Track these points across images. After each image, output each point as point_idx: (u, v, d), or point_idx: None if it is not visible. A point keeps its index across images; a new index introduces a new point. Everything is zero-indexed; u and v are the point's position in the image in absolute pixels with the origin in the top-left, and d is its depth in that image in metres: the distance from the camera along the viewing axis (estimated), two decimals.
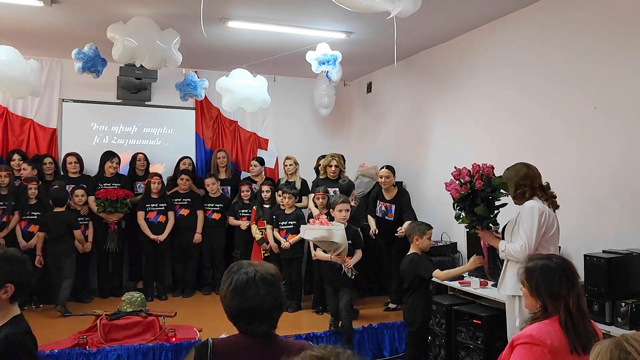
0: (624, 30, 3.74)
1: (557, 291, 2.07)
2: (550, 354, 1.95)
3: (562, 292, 2.06)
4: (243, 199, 6.16)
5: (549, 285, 2.09)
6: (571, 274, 2.12)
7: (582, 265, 3.46)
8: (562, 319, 2.02)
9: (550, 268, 2.13)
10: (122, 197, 5.81)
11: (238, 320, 1.77)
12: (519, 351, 2.02)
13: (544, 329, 2.01)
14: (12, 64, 4.91)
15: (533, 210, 3.12)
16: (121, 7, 4.65)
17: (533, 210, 3.12)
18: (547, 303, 2.09)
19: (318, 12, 4.74)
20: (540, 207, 3.15)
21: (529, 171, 3.28)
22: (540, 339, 1.98)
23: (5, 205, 5.37)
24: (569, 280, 2.09)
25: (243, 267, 1.82)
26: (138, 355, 4.03)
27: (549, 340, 1.97)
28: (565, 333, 1.99)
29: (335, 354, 1.29)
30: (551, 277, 2.10)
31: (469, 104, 5.34)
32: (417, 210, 6.05)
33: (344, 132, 7.85)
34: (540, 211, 3.12)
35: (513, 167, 3.36)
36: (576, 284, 2.11)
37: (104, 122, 6.71)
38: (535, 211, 3.11)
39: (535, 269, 2.16)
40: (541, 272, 2.13)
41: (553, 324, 2.04)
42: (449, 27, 5.24)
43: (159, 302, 5.80)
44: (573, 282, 2.09)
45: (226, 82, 5.87)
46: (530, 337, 2.01)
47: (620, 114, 3.76)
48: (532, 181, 3.25)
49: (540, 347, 1.97)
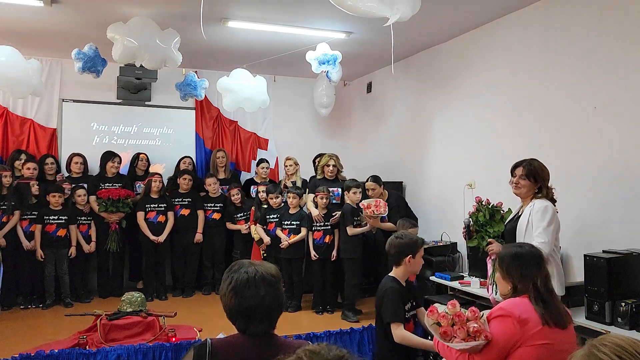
0: (624, 30, 3.74)
1: (526, 273, 2.23)
2: (519, 324, 2.09)
3: (530, 273, 2.23)
4: (234, 203, 6.16)
5: (519, 267, 2.26)
6: (539, 259, 2.30)
7: (582, 265, 3.46)
8: (532, 296, 2.18)
9: (520, 253, 2.31)
10: (123, 196, 5.82)
11: (237, 319, 1.77)
12: (493, 324, 2.17)
13: (513, 302, 2.19)
14: (12, 64, 4.92)
15: (547, 209, 3.20)
16: (121, 7, 4.65)
17: (547, 209, 3.20)
18: (517, 283, 2.25)
19: (318, 12, 4.74)
20: (552, 206, 3.23)
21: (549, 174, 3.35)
22: (509, 311, 2.14)
23: (5, 205, 5.37)
24: (537, 264, 2.26)
25: (243, 266, 1.82)
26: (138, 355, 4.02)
27: (517, 312, 2.12)
28: (535, 307, 2.14)
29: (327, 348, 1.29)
30: (521, 260, 2.27)
31: (469, 104, 5.34)
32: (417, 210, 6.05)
33: (344, 132, 7.85)
34: (553, 209, 3.22)
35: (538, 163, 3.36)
36: (543, 268, 2.27)
37: (104, 122, 6.71)
38: (550, 210, 3.20)
39: (507, 254, 2.34)
40: (513, 256, 2.30)
41: (523, 300, 2.19)
42: (449, 27, 5.24)
43: (159, 302, 5.80)
44: (540, 266, 2.27)
45: (227, 82, 5.87)
46: (500, 309, 2.18)
47: (620, 114, 3.76)
48: (548, 183, 3.34)
49: (510, 317, 2.12)
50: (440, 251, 5.27)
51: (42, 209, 5.54)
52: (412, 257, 2.97)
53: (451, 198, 5.49)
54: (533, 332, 2.08)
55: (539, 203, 3.22)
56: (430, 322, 2.24)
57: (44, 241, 5.50)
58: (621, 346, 1.23)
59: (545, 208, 3.19)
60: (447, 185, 5.63)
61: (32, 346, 4.12)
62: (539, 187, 3.31)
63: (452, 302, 2.24)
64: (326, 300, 5.45)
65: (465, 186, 5.23)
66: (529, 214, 3.24)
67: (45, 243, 5.50)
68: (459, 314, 2.18)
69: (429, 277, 5.01)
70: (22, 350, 3.90)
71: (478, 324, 2.13)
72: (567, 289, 3.60)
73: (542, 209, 3.19)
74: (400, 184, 6.46)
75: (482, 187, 5.00)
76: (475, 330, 2.10)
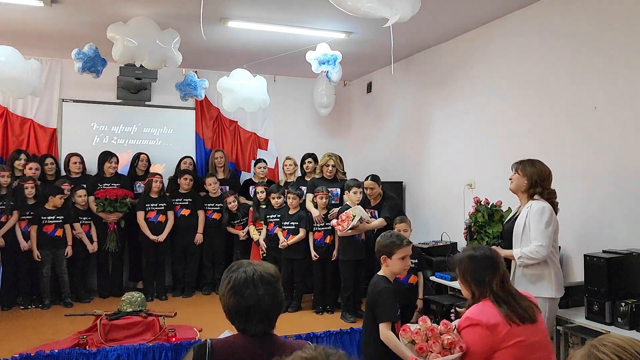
0: (624, 30, 3.74)
1: (481, 278, 2.27)
2: (488, 330, 2.14)
3: (485, 278, 2.26)
4: (231, 210, 6.16)
5: (474, 273, 2.29)
6: (494, 261, 2.31)
7: (582, 265, 3.46)
8: (492, 300, 2.23)
9: (474, 258, 2.32)
10: (121, 196, 5.81)
11: (236, 319, 1.77)
12: (465, 335, 2.21)
13: (478, 310, 2.23)
14: (12, 64, 4.91)
15: (544, 211, 3.15)
16: (121, 7, 4.65)
17: (544, 210, 3.15)
18: (474, 290, 2.30)
19: (318, 12, 4.74)
20: (549, 207, 3.19)
21: (550, 175, 3.30)
22: (476, 319, 2.18)
23: (4, 205, 5.37)
24: (492, 267, 2.28)
25: (242, 266, 1.83)
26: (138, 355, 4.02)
27: (484, 318, 2.17)
28: (499, 309, 2.19)
29: (325, 354, 1.26)
30: (476, 266, 2.30)
31: (469, 104, 5.34)
32: (417, 210, 6.07)
33: (344, 132, 7.85)
34: (551, 211, 3.17)
35: (539, 164, 3.32)
36: (498, 270, 2.29)
37: (104, 122, 6.71)
38: (547, 211, 3.15)
39: (461, 259, 2.37)
40: (467, 262, 2.33)
41: (486, 304, 2.24)
42: (449, 27, 5.24)
43: (159, 302, 5.80)
44: (496, 268, 2.28)
45: (227, 83, 5.87)
46: (468, 319, 2.22)
47: (620, 114, 3.76)
48: (547, 185, 3.28)
49: (478, 325, 2.17)
50: (440, 251, 5.26)
51: (38, 210, 5.53)
52: (388, 258, 2.98)
53: (451, 198, 5.48)
54: (503, 335, 2.14)
55: (536, 204, 3.19)
56: (405, 342, 2.28)
57: (42, 241, 5.49)
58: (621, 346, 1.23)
59: (542, 209, 3.15)
60: (447, 185, 5.63)
61: (32, 346, 4.12)
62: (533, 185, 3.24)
63: (422, 318, 2.32)
64: (326, 300, 5.45)
65: (465, 186, 5.23)
66: (525, 215, 3.21)
67: (44, 243, 5.50)
68: (431, 328, 2.24)
69: (429, 277, 5.01)
70: (22, 350, 3.91)
71: (451, 335, 2.19)
72: (567, 289, 3.60)
73: (539, 211, 3.15)
74: (400, 184, 6.46)
75: (482, 187, 5.00)
76: (449, 342, 2.17)
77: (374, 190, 5.22)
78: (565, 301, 3.59)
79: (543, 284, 3.15)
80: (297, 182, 6.15)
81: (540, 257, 3.11)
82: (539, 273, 3.16)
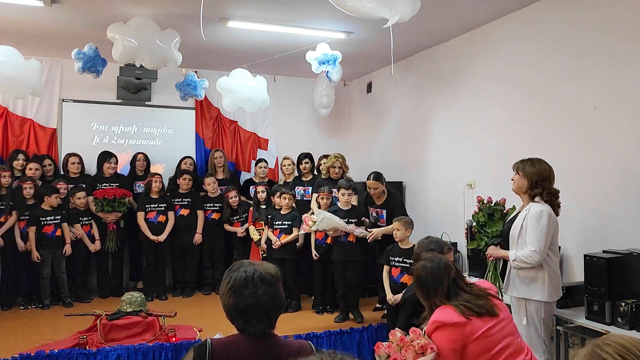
0: (624, 30, 3.74)
1: (427, 294, 2.44)
2: (455, 327, 2.27)
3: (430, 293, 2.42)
4: (231, 205, 6.16)
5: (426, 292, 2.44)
6: (442, 272, 2.42)
7: (582, 265, 3.46)
8: (450, 303, 2.36)
9: (419, 277, 2.47)
10: (119, 196, 5.80)
11: (235, 318, 1.77)
12: (436, 338, 2.29)
13: (442, 312, 2.34)
14: (12, 64, 4.91)
15: (542, 215, 3.12)
16: (121, 7, 4.65)
17: (542, 215, 3.12)
18: (426, 303, 2.47)
19: (318, 12, 4.74)
20: (548, 210, 3.15)
21: (550, 176, 3.26)
22: (442, 320, 2.30)
23: (3, 205, 5.37)
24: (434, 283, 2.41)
25: (243, 265, 1.83)
26: (138, 355, 4.03)
27: (448, 319, 2.29)
28: (455, 309, 2.31)
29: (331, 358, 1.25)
30: (422, 283, 2.45)
31: (469, 104, 5.34)
32: (417, 210, 6.06)
33: (344, 132, 7.85)
34: (549, 215, 3.13)
35: (539, 163, 3.28)
36: (446, 277, 2.41)
37: (104, 122, 6.71)
38: (545, 216, 3.12)
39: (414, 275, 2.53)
40: (416, 280, 2.50)
41: (445, 307, 2.37)
42: (449, 27, 5.24)
43: (159, 302, 5.80)
44: (444, 276, 2.42)
45: (226, 83, 5.87)
46: (434, 322, 2.32)
47: (620, 114, 3.76)
48: (549, 184, 3.24)
49: (446, 325, 2.28)
50: None
51: (35, 210, 5.52)
52: None
53: (451, 198, 5.49)
54: (469, 329, 2.26)
55: (534, 207, 3.17)
56: (381, 358, 2.36)
57: (42, 242, 5.48)
58: (625, 346, 1.23)
59: (539, 213, 3.12)
60: (447, 185, 5.63)
61: (32, 346, 4.12)
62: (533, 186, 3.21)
63: (391, 332, 2.45)
64: (326, 300, 5.44)
65: (465, 186, 5.24)
66: (523, 217, 3.19)
67: (43, 244, 5.49)
68: (401, 338, 2.34)
69: None
70: (22, 350, 3.92)
71: (422, 340, 2.29)
72: (567, 289, 3.61)
73: (537, 215, 3.12)
74: (400, 184, 6.46)
75: (482, 187, 5.00)
76: (420, 346, 2.25)
77: (377, 189, 5.13)
78: (565, 301, 3.59)
79: (536, 287, 3.14)
80: (294, 182, 6.15)
81: (534, 262, 3.10)
82: (533, 276, 3.16)
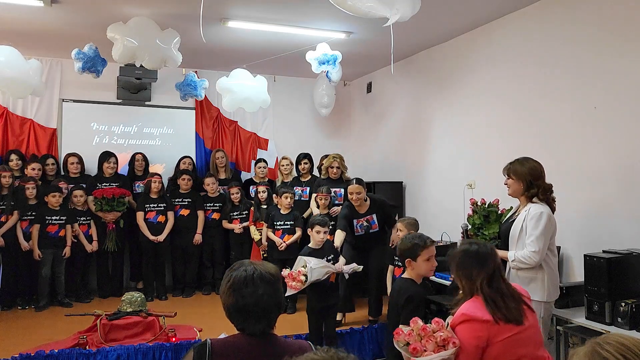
0: (624, 29, 3.74)
1: (469, 273, 2.31)
2: (483, 325, 2.20)
3: (473, 273, 2.30)
4: (233, 201, 6.16)
5: (463, 267, 2.34)
6: (484, 258, 2.32)
7: (582, 265, 3.46)
8: (482, 297, 2.27)
9: (466, 252, 2.36)
10: (117, 195, 5.80)
11: (234, 317, 1.77)
12: (460, 331, 2.22)
13: (472, 306, 2.26)
14: (12, 64, 4.91)
15: (542, 216, 3.11)
16: (121, 7, 4.65)
17: (542, 216, 3.11)
18: (464, 284, 2.34)
19: (318, 12, 4.74)
20: (548, 212, 3.15)
21: (542, 172, 3.25)
22: (471, 315, 2.22)
23: (5, 205, 5.37)
24: (480, 264, 2.31)
25: (243, 265, 1.84)
26: (138, 355, 4.03)
27: (479, 314, 2.22)
28: (486, 307, 2.23)
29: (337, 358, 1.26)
30: (466, 261, 2.34)
31: (469, 104, 5.34)
32: (417, 211, 6.06)
33: (344, 132, 7.86)
34: (548, 216, 3.13)
35: (527, 162, 3.26)
36: (486, 266, 2.31)
37: (104, 122, 6.71)
38: (544, 216, 3.11)
39: (455, 253, 2.40)
40: (460, 255, 2.37)
41: (478, 300, 2.28)
42: (449, 27, 5.24)
43: (159, 302, 5.80)
44: (483, 264, 2.31)
45: (226, 83, 5.87)
46: (463, 315, 2.24)
47: (620, 114, 3.76)
48: (543, 182, 3.23)
49: (475, 320, 2.20)
50: (440, 251, 5.24)
51: (41, 209, 5.53)
52: (413, 260, 3.06)
53: (451, 198, 5.48)
54: (497, 329, 2.19)
55: (534, 208, 3.16)
56: (400, 345, 2.28)
57: (45, 242, 5.48)
58: (626, 345, 1.22)
59: (540, 215, 3.11)
60: (447, 185, 5.63)
61: (32, 346, 4.12)
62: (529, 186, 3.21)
63: (413, 320, 2.34)
64: None
65: (465, 186, 5.23)
66: (523, 219, 3.18)
67: (46, 244, 5.49)
68: (423, 327, 2.26)
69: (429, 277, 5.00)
70: (22, 350, 3.92)
71: (444, 332, 2.20)
72: (567, 289, 3.61)
73: (537, 216, 3.11)
74: (400, 184, 6.46)
75: (482, 187, 5.00)
76: (442, 338, 2.18)
77: (360, 194, 4.80)
78: (565, 301, 3.59)
79: (536, 287, 3.14)
80: (292, 182, 6.15)
81: (533, 263, 3.09)
82: (532, 276, 3.16)
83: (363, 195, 4.85)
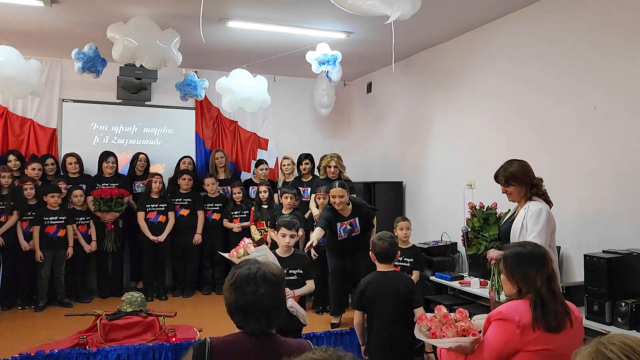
0: (624, 29, 3.74)
1: (526, 273, 2.21)
2: (519, 329, 2.08)
3: (531, 274, 2.20)
4: (235, 200, 6.16)
5: (521, 268, 2.24)
6: (541, 258, 2.26)
7: (582, 265, 3.46)
8: (532, 299, 2.15)
9: (522, 253, 2.28)
10: (116, 195, 5.80)
11: (235, 315, 1.78)
12: (492, 327, 2.17)
13: (513, 307, 2.16)
14: (12, 64, 4.91)
15: (541, 213, 3.12)
16: (121, 7, 4.65)
17: (541, 212, 3.12)
18: (521, 285, 2.23)
19: (318, 12, 4.74)
20: (546, 208, 3.16)
21: (531, 169, 3.27)
22: (508, 316, 2.12)
23: (4, 205, 5.37)
24: (538, 263, 2.23)
25: (248, 263, 1.84)
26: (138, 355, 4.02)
27: (517, 317, 2.10)
28: (531, 311, 2.11)
29: (336, 357, 1.26)
30: (522, 261, 2.25)
31: (469, 104, 5.34)
32: (417, 210, 6.06)
33: (344, 132, 7.86)
34: (547, 213, 3.14)
35: (513, 164, 3.29)
36: (545, 267, 2.23)
37: (104, 122, 6.71)
38: (544, 213, 3.12)
39: (509, 256, 2.31)
40: (514, 258, 2.28)
41: (524, 303, 2.17)
42: (449, 27, 5.24)
43: (159, 302, 5.80)
44: (541, 265, 2.23)
45: (226, 82, 5.87)
46: (500, 313, 2.16)
47: (620, 114, 3.76)
48: (536, 178, 3.25)
49: (509, 322, 2.10)
50: (440, 251, 5.27)
51: (40, 210, 5.53)
52: None
53: (451, 198, 5.48)
54: (532, 338, 2.06)
55: (533, 205, 3.17)
56: (422, 329, 2.28)
57: (44, 242, 5.48)
58: (630, 346, 1.23)
59: (539, 211, 3.12)
60: (447, 185, 5.63)
61: (32, 346, 4.12)
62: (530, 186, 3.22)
63: (437, 307, 2.34)
64: (326, 300, 5.44)
65: (465, 186, 5.23)
66: (523, 217, 3.19)
67: (46, 244, 5.49)
68: (445, 314, 2.26)
69: (429, 277, 5.01)
70: (22, 350, 3.91)
71: (466, 322, 2.18)
72: (567, 289, 3.61)
73: (537, 212, 3.12)
74: (400, 184, 6.46)
75: (482, 187, 5.00)
76: (462, 328, 2.15)
77: (343, 197, 4.69)
78: None
79: None
80: (294, 182, 6.15)
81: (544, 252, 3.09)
82: None
83: (346, 199, 4.75)
